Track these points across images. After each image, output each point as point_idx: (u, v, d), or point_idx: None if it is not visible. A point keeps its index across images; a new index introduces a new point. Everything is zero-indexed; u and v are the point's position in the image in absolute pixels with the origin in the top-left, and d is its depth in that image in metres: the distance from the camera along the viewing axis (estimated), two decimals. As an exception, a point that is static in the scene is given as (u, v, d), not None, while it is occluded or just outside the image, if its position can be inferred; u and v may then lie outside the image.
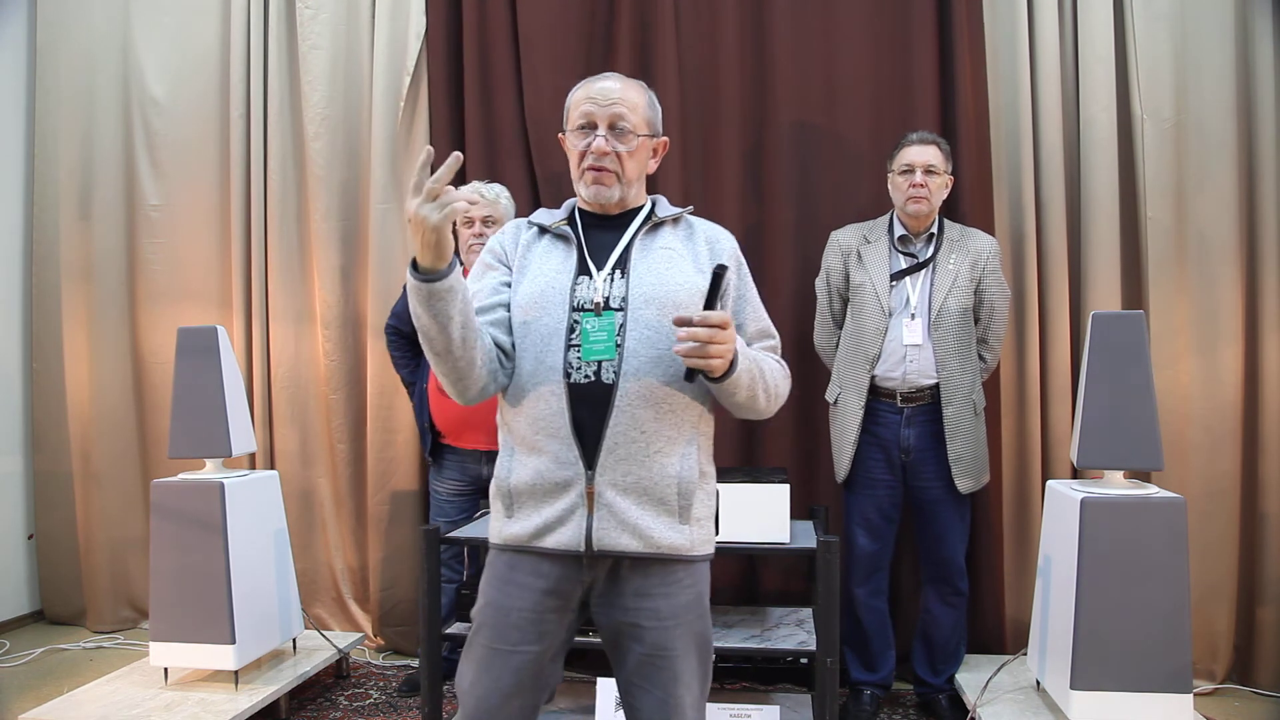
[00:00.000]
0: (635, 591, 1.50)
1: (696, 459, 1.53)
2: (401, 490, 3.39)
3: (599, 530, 1.47)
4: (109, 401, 3.71)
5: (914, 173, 2.65)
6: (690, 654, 1.52)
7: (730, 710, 2.44)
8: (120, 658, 3.35)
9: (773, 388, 1.55)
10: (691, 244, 1.62)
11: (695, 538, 1.53)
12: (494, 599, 1.54)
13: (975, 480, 2.70)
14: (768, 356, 1.58)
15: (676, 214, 1.65)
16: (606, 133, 1.56)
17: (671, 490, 1.49)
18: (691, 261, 1.58)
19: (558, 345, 1.50)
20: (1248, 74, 2.98)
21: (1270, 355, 2.95)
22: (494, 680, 1.50)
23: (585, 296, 1.53)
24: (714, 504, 1.60)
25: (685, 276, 1.55)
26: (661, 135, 1.66)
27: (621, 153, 1.57)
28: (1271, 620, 2.94)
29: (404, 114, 3.38)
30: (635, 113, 1.58)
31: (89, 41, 3.72)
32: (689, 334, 1.36)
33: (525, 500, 1.52)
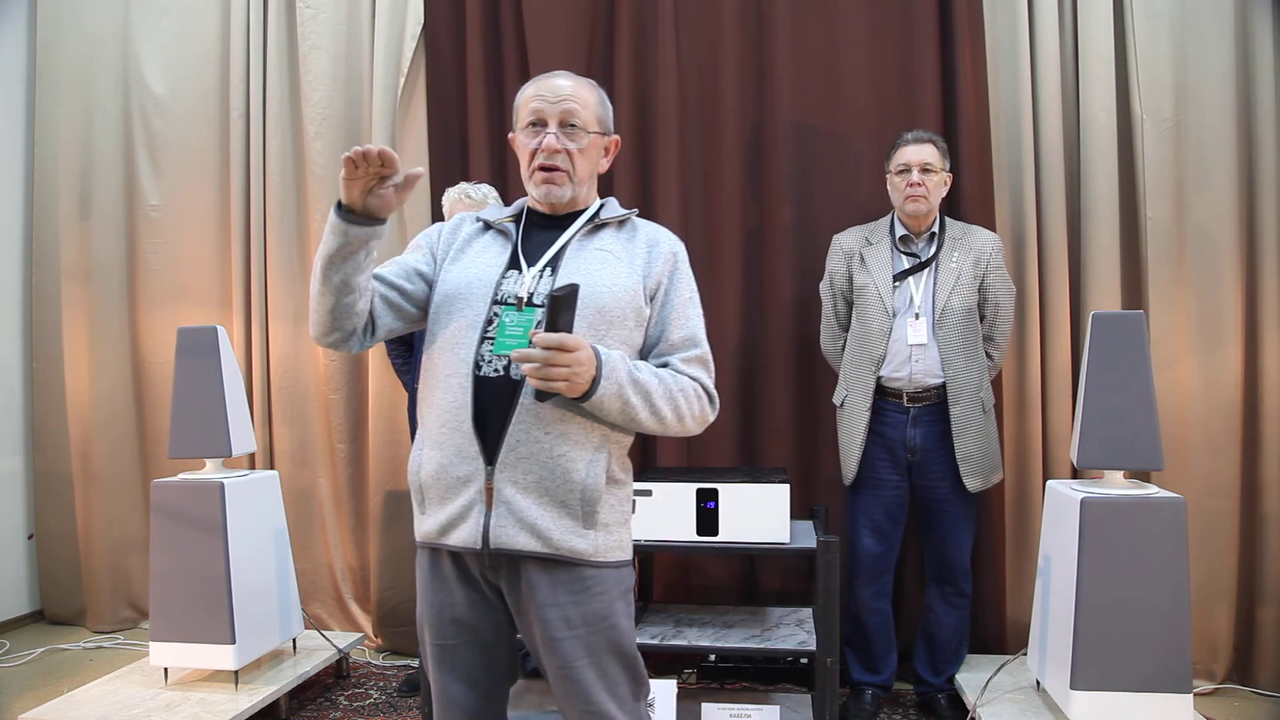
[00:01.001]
0: (543, 600, 1.45)
1: (605, 465, 1.48)
2: (402, 490, 3.39)
3: (496, 528, 1.43)
4: (109, 401, 3.71)
5: (911, 172, 2.65)
6: (607, 661, 1.47)
7: (730, 710, 2.44)
8: (120, 658, 3.35)
9: (668, 410, 1.47)
10: (631, 246, 1.57)
11: (600, 544, 1.47)
12: (425, 598, 1.54)
13: (985, 479, 2.70)
14: (674, 376, 1.50)
15: (622, 216, 1.62)
16: (557, 130, 1.53)
17: (575, 494, 1.44)
18: (627, 264, 1.54)
19: (472, 338, 1.47)
20: (1248, 74, 2.98)
21: (1270, 355, 2.95)
22: (446, 673, 1.52)
23: (510, 290, 1.50)
24: (628, 510, 1.55)
25: (615, 279, 1.50)
26: (613, 134, 1.63)
27: (573, 150, 1.54)
28: (1271, 620, 2.94)
29: (403, 114, 3.38)
30: (586, 109, 1.56)
31: (89, 41, 3.72)
32: (523, 354, 1.33)
33: (432, 495, 1.49)
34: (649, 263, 1.55)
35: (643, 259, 1.55)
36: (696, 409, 1.52)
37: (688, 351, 1.54)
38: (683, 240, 1.68)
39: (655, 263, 1.56)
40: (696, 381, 1.52)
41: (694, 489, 2.40)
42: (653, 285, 1.54)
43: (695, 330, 1.56)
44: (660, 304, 1.55)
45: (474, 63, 3.32)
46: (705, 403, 1.54)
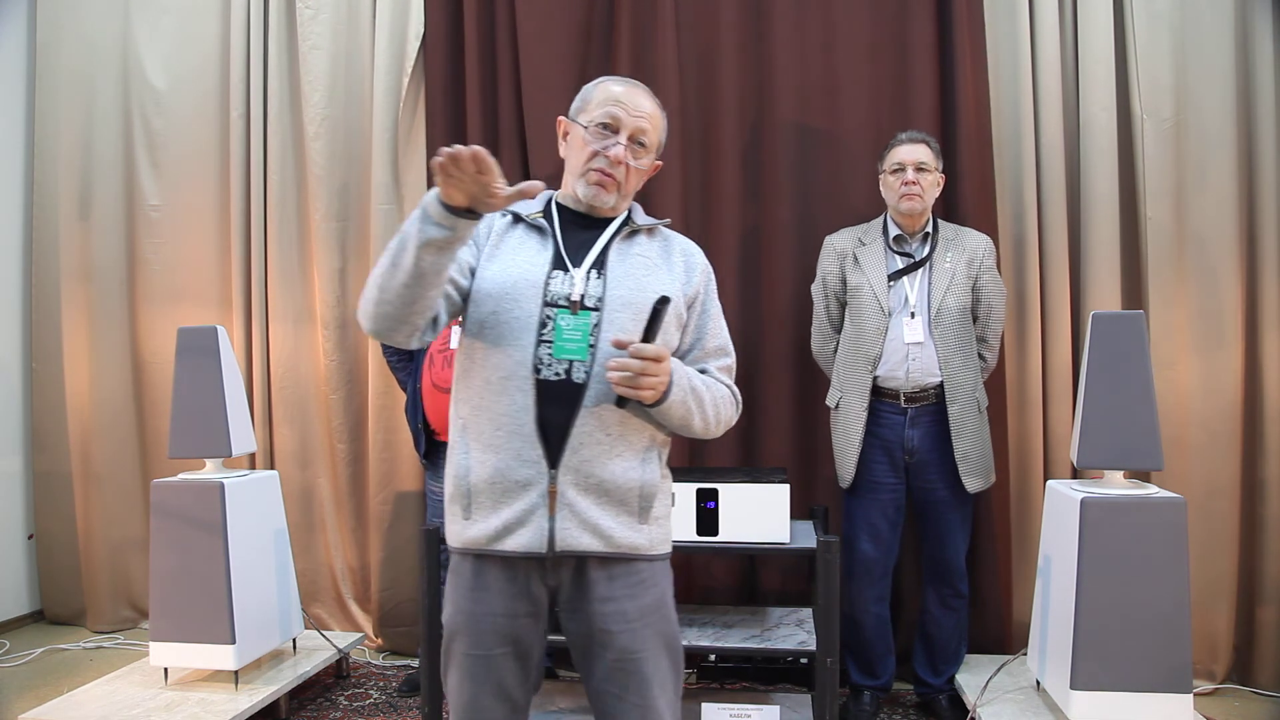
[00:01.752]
0: (601, 596, 1.48)
1: (657, 463, 1.54)
2: (402, 490, 3.39)
3: (561, 530, 1.44)
4: (109, 401, 3.71)
5: (905, 170, 2.65)
6: (661, 656, 1.51)
7: (730, 710, 2.44)
8: (120, 658, 3.35)
9: (712, 416, 1.55)
10: (668, 257, 1.61)
11: (654, 537, 1.52)
12: (464, 606, 1.51)
13: (983, 479, 2.70)
14: (716, 383, 1.58)
15: (652, 224, 1.65)
16: (627, 143, 1.56)
17: (633, 493, 1.49)
18: (668, 272, 1.59)
19: (528, 340, 1.46)
20: (1248, 74, 2.98)
21: (1270, 355, 2.95)
22: (478, 685, 1.49)
23: (559, 292, 1.50)
24: (670, 505, 1.61)
25: (662, 285, 1.55)
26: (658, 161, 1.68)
27: (632, 166, 1.57)
28: (1271, 620, 2.94)
29: (404, 114, 3.38)
30: (655, 132, 1.60)
31: (89, 41, 3.72)
32: (620, 364, 1.37)
33: (484, 500, 1.47)
34: (687, 274, 1.60)
35: (681, 269, 1.60)
36: (728, 414, 1.59)
37: (720, 360, 1.61)
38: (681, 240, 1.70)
39: (693, 275, 1.61)
40: (729, 389, 1.60)
41: (694, 489, 2.40)
42: (690, 295, 1.59)
43: (726, 341, 1.64)
44: (698, 314, 1.61)
45: (471, 63, 3.32)
46: (735, 409, 1.62)
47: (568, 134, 1.63)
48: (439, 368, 2.90)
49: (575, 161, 1.59)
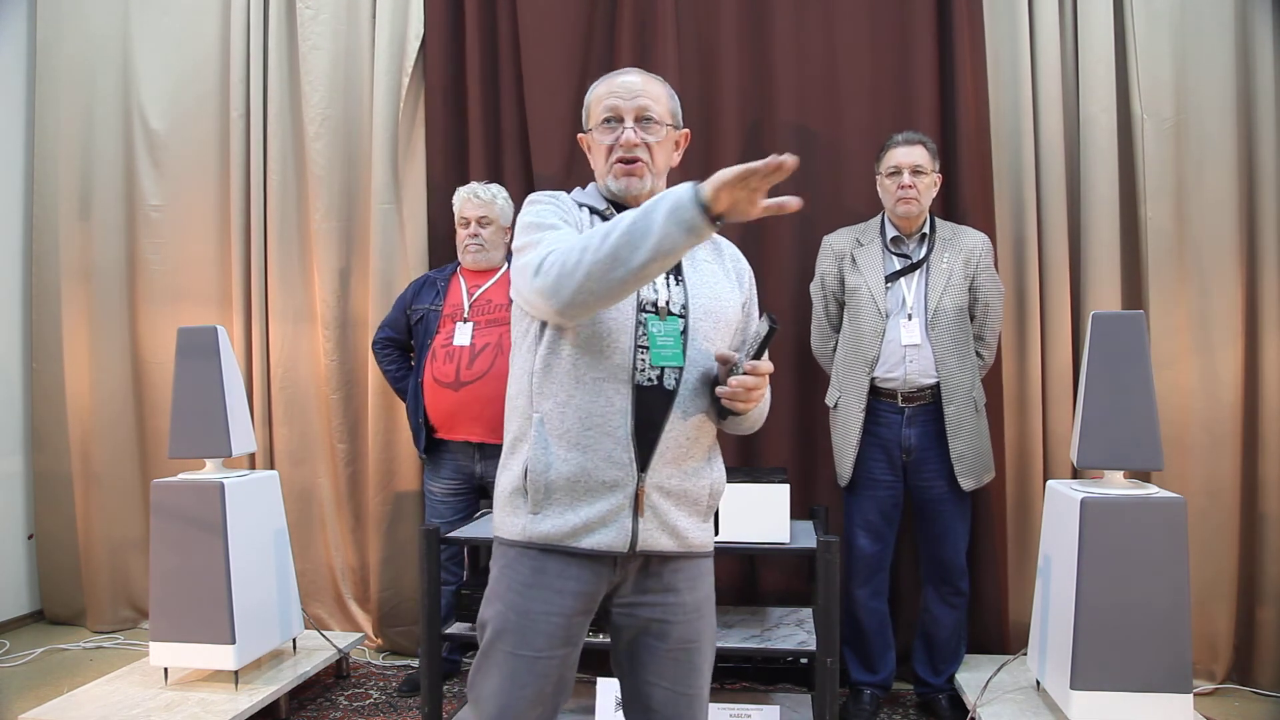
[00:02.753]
0: (665, 587, 1.52)
1: (720, 463, 1.59)
2: (402, 490, 3.39)
3: (644, 532, 1.46)
4: (109, 402, 3.71)
5: (902, 174, 2.66)
6: (709, 646, 1.57)
7: (730, 710, 2.44)
8: (120, 658, 3.35)
9: (760, 418, 1.62)
10: (721, 261, 1.64)
11: (713, 533, 1.60)
12: (516, 603, 1.47)
13: (978, 478, 2.70)
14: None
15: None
16: (634, 125, 1.55)
17: (704, 493, 1.53)
18: (728, 279, 1.62)
19: (626, 344, 1.45)
20: (1248, 74, 2.98)
21: (1270, 355, 2.95)
22: (520, 688, 1.44)
23: (647, 297, 1.49)
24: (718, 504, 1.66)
25: (730, 294, 1.59)
26: (683, 127, 1.65)
27: (651, 144, 1.56)
28: (1271, 620, 2.94)
29: (404, 114, 3.38)
30: (659, 104, 1.58)
31: (89, 41, 3.72)
32: (739, 382, 1.42)
33: (562, 496, 1.45)
34: (739, 278, 1.65)
35: (734, 274, 1.64)
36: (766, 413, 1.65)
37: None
38: None
39: (744, 281, 1.67)
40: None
41: (694, 489, 2.39)
42: (743, 299, 1.65)
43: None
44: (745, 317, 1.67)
45: (471, 63, 3.32)
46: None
47: (590, 148, 1.64)
48: (440, 362, 2.90)
49: (599, 165, 1.60)
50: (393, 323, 3.12)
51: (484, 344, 2.90)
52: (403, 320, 3.08)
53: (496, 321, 2.93)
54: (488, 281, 3.02)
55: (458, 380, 2.87)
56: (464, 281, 3.03)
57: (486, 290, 3.00)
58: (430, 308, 3.01)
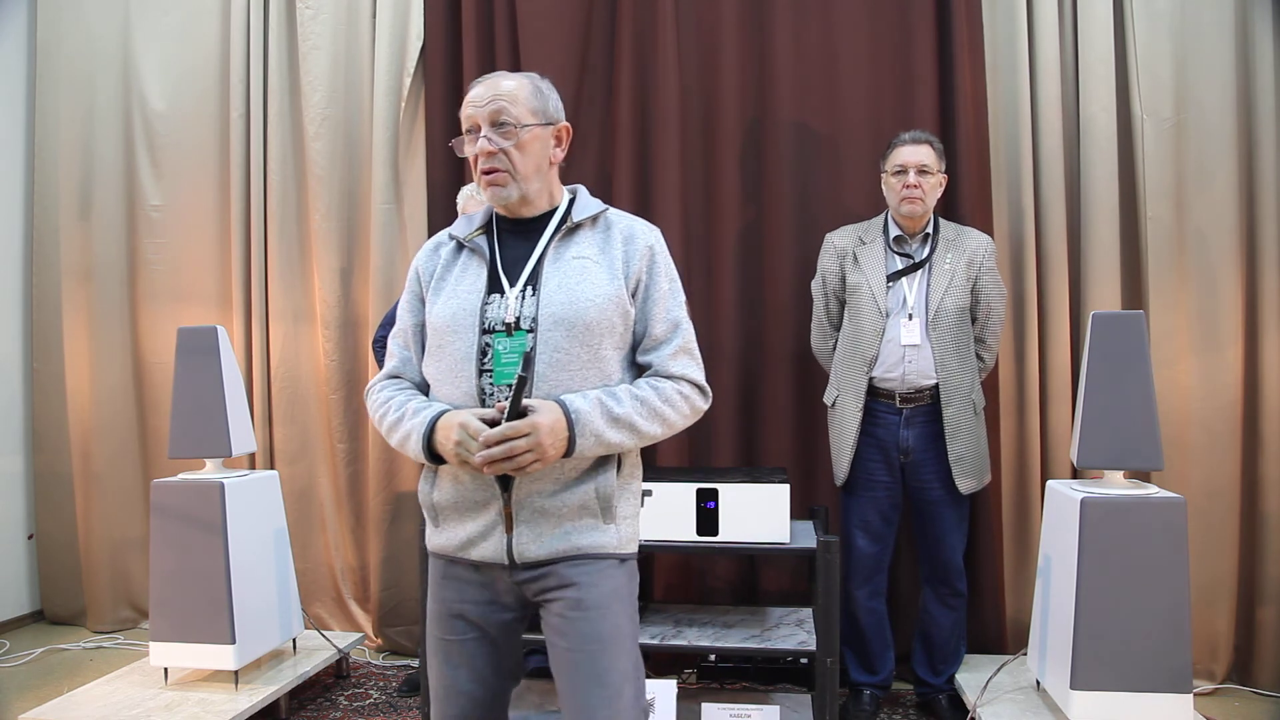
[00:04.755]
0: (561, 583, 1.49)
1: (613, 471, 1.51)
2: (402, 490, 3.39)
3: (519, 545, 1.47)
4: (109, 401, 3.71)
5: (907, 173, 2.65)
6: (617, 647, 1.50)
7: (730, 710, 2.44)
8: (120, 658, 3.35)
9: (655, 428, 1.50)
10: (607, 247, 1.54)
11: (622, 536, 1.53)
12: (435, 594, 1.58)
13: (977, 480, 2.70)
14: (655, 387, 1.51)
15: (596, 212, 1.58)
16: (490, 132, 1.51)
17: (590, 498, 1.49)
18: (606, 269, 1.52)
19: (470, 370, 1.48)
20: (1248, 74, 2.98)
21: (1270, 355, 2.95)
22: (452, 668, 1.55)
23: (496, 316, 1.49)
24: (638, 504, 1.61)
25: (596, 289, 1.49)
26: (559, 121, 1.58)
27: (508, 148, 1.51)
28: (1271, 620, 2.94)
29: (405, 114, 3.38)
30: (516, 104, 1.51)
31: (89, 41, 3.72)
32: (485, 456, 1.37)
33: (449, 515, 1.53)
34: (627, 261, 1.54)
35: (620, 258, 1.54)
36: (686, 409, 1.54)
37: (671, 344, 1.54)
38: (685, 239, 1.69)
39: (633, 260, 1.54)
40: (681, 380, 1.53)
41: (694, 489, 2.40)
42: (633, 283, 1.54)
43: (679, 320, 1.57)
44: (642, 300, 1.54)
45: (471, 63, 3.32)
46: (695, 398, 1.56)
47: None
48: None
49: (475, 179, 1.58)
50: (392, 321, 3.11)
51: (485, 343, 2.89)
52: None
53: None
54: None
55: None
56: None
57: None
58: (431, 307, 3.00)
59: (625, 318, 1.52)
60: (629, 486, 1.57)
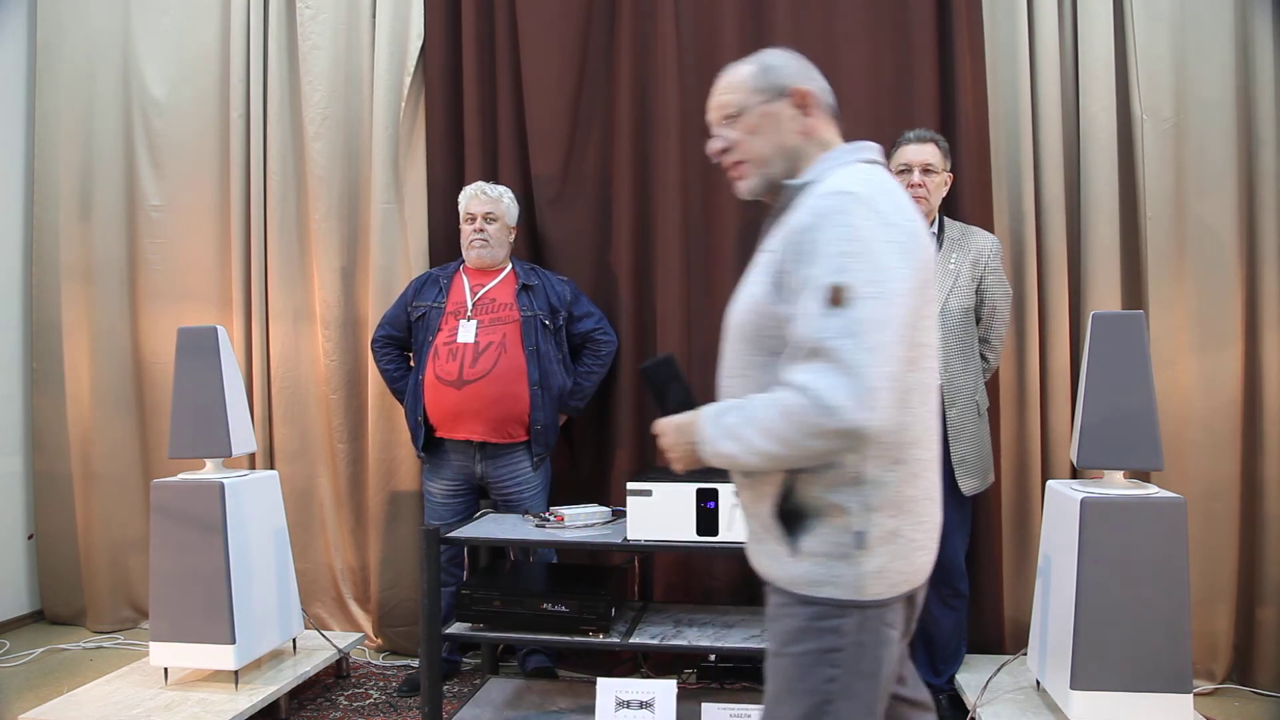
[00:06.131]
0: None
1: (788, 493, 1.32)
2: (402, 490, 3.39)
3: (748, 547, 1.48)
4: (109, 401, 3.71)
5: (912, 172, 2.65)
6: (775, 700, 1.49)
7: (730, 710, 2.44)
8: (120, 658, 3.35)
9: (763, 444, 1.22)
10: (780, 235, 1.34)
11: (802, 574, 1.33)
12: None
13: (980, 481, 2.70)
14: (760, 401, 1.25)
15: (802, 185, 1.36)
16: (718, 130, 1.46)
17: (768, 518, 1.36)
18: (762, 268, 1.34)
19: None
20: (1248, 74, 2.98)
21: (1270, 355, 2.95)
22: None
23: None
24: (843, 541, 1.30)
25: (750, 289, 1.35)
26: (787, 87, 1.40)
27: (738, 139, 1.43)
28: (1271, 620, 2.94)
29: (405, 114, 3.38)
30: (737, 93, 1.42)
31: (89, 41, 3.72)
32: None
33: None
34: (783, 250, 1.29)
35: (778, 249, 1.31)
36: (788, 430, 1.19)
37: (794, 345, 1.22)
38: (685, 239, 1.67)
39: (788, 249, 1.28)
40: (787, 389, 1.20)
41: (694, 489, 2.40)
42: (784, 277, 1.29)
43: (805, 311, 1.21)
44: (792, 296, 1.26)
45: (470, 63, 3.32)
46: (797, 407, 1.18)
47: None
48: (443, 360, 2.90)
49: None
50: (393, 320, 3.12)
51: (488, 342, 2.90)
52: (403, 317, 3.09)
53: (500, 320, 2.94)
54: (491, 281, 3.02)
55: (460, 378, 2.87)
56: (467, 280, 3.03)
57: (490, 289, 3.00)
58: (432, 305, 3.01)
59: (775, 319, 1.29)
60: (827, 518, 1.30)
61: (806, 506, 1.31)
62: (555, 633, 2.46)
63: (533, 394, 2.91)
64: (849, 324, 1.17)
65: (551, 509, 2.73)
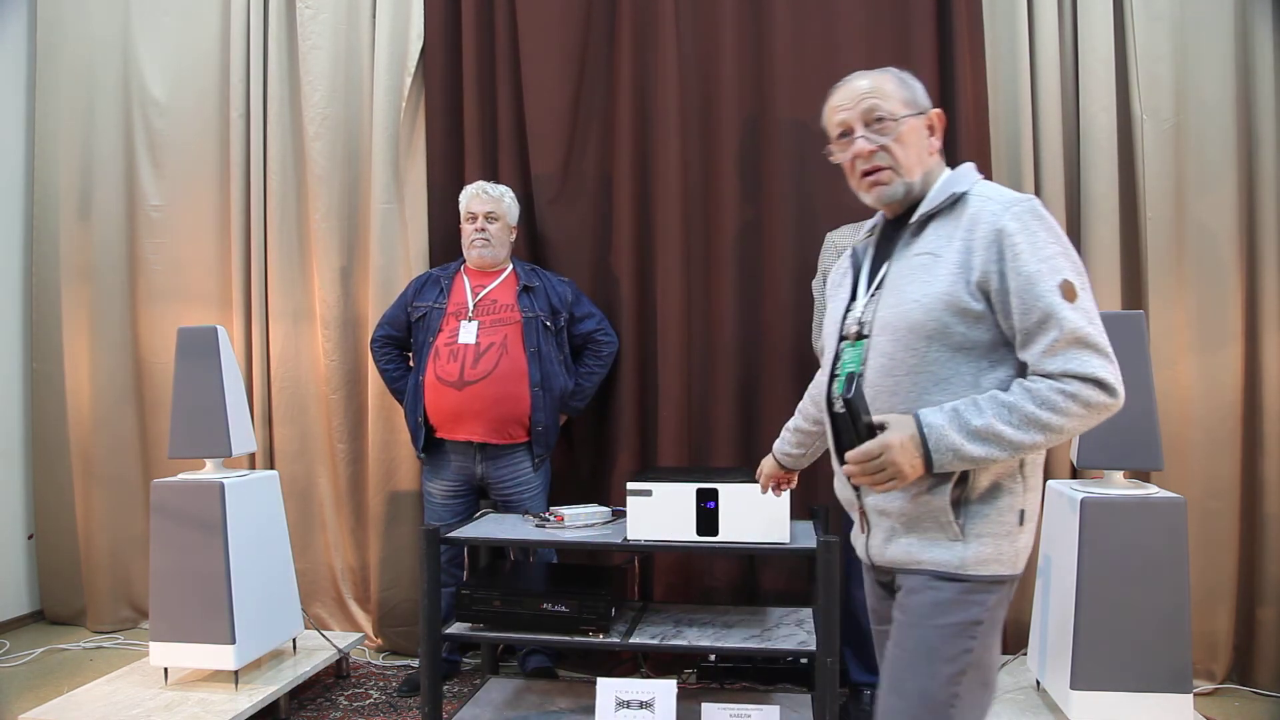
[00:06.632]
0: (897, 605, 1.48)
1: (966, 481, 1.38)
2: (402, 490, 3.39)
3: (873, 546, 1.52)
4: (109, 401, 3.71)
5: None
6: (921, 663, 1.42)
7: (730, 710, 2.44)
8: (120, 658, 3.35)
9: (1034, 436, 1.29)
10: (953, 237, 1.38)
11: (970, 554, 1.38)
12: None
13: None
14: (1028, 390, 1.30)
15: (949, 197, 1.42)
16: (866, 132, 1.48)
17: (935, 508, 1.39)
18: (945, 264, 1.37)
19: (824, 379, 1.54)
20: (1248, 74, 2.98)
21: (1270, 355, 2.95)
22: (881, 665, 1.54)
23: (850, 323, 1.50)
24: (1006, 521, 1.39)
25: (925, 288, 1.37)
26: (929, 108, 1.52)
27: (888, 144, 1.46)
28: (1271, 620, 2.94)
29: (405, 114, 3.38)
30: (888, 100, 1.48)
31: (89, 41, 3.72)
32: (845, 472, 1.41)
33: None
34: (968, 252, 1.36)
35: (960, 249, 1.37)
36: (1077, 409, 1.29)
37: (1045, 337, 1.30)
38: (685, 239, 1.68)
39: (975, 250, 1.35)
40: (1064, 377, 1.29)
41: (694, 489, 2.40)
42: (980, 277, 1.35)
43: (1049, 308, 1.30)
44: (999, 295, 1.34)
45: (470, 62, 3.32)
46: (1088, 394, 1.29)
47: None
48: (444, 361, 2.90)
49: (851, 184, 1.62)
50: (392, 320, 3.12)
51: (489, 343, 2.90)
52: (403, 317, 3.09)
53: (501, 321, 2.94)
54: (492, 282, 3.02)
55: (461, 379, 2.87)
56: (468, 281, 3.03)
57: (491, 290, 3.00)
58: (433, 305, 3.01)
59: (964, 316, 1.35)
60: (996, 501, 1.38)
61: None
62: (555, 633, 2.46)
63: (534, 395, 2.91)
64: (1088, 313, 1.31)
65: (551, 509, 2.72)
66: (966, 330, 1.36)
